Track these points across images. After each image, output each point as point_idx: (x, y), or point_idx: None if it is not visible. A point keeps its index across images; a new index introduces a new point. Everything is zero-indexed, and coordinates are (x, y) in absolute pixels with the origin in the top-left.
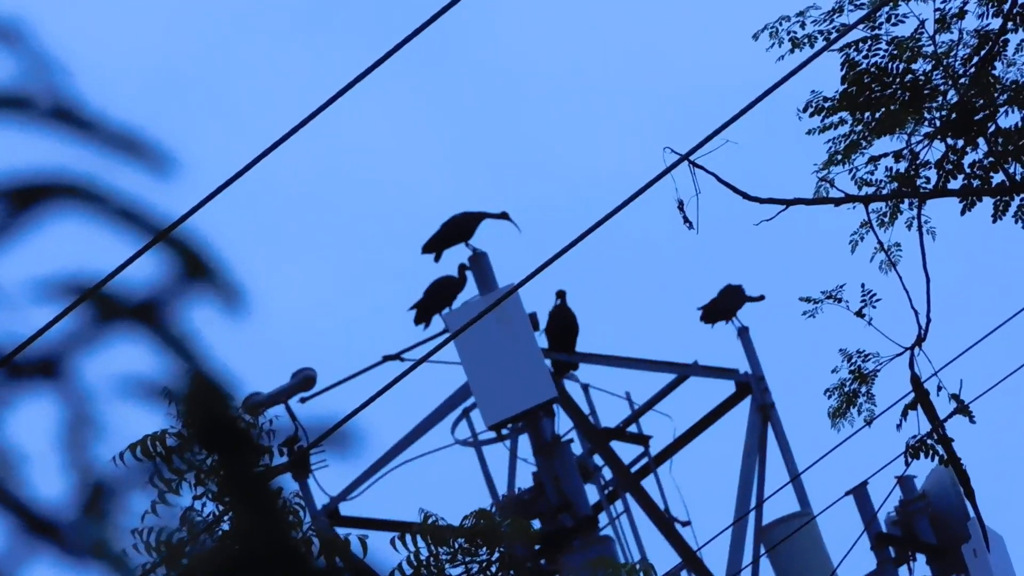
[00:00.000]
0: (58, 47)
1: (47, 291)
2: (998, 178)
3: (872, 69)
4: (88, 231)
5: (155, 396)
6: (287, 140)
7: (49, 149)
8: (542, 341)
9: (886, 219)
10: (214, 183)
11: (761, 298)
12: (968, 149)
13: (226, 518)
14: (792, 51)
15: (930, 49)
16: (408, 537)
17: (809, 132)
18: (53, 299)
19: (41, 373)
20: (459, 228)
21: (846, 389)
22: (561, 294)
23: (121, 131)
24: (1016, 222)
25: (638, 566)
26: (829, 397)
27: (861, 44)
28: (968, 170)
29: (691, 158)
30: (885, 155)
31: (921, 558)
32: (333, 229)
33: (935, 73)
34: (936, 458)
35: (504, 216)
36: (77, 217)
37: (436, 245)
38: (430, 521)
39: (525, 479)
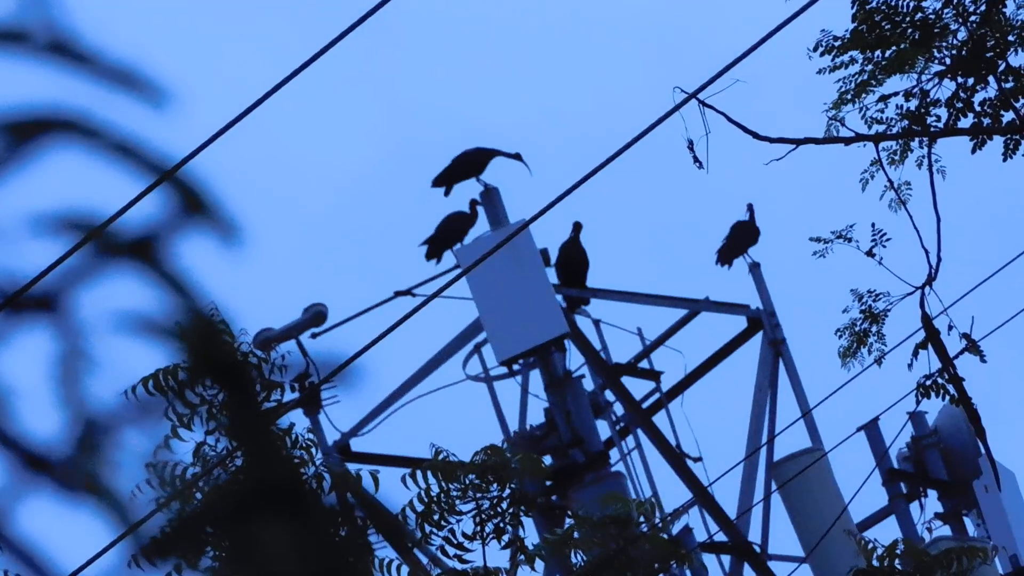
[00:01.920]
0: None
1: (45, 226)
2: (1008, 116)
3: (882, 7)
4: (85, 165)
5: (152, 332)
6: (296, 76)
7: (46, 83)
8: (553, 277)
9: (896, 158)
10: (214, 116)
11: (517, 156)
12: (978, 87)
13: (238, 453)
14: None
15: None
16: (419, 473)
17: (820, 71)
18: (51, 234)
19: (38, 308)
20: (470, 163)
21: (857, 329)
22: (577, 226)
23: (117, 65)
24: None
25: (644, 501)
26: (840, 337)
27: None
28: (978, 108)
29: (700, 97)
30: (895, 94)
31: (932, 494)
32: (342, 161)
33: (945, 11)
34: (947, 397)
35: (517, 157)
36: (74, 151)
37: (446, 179)
38: (441, 457)
39: (537, 415)
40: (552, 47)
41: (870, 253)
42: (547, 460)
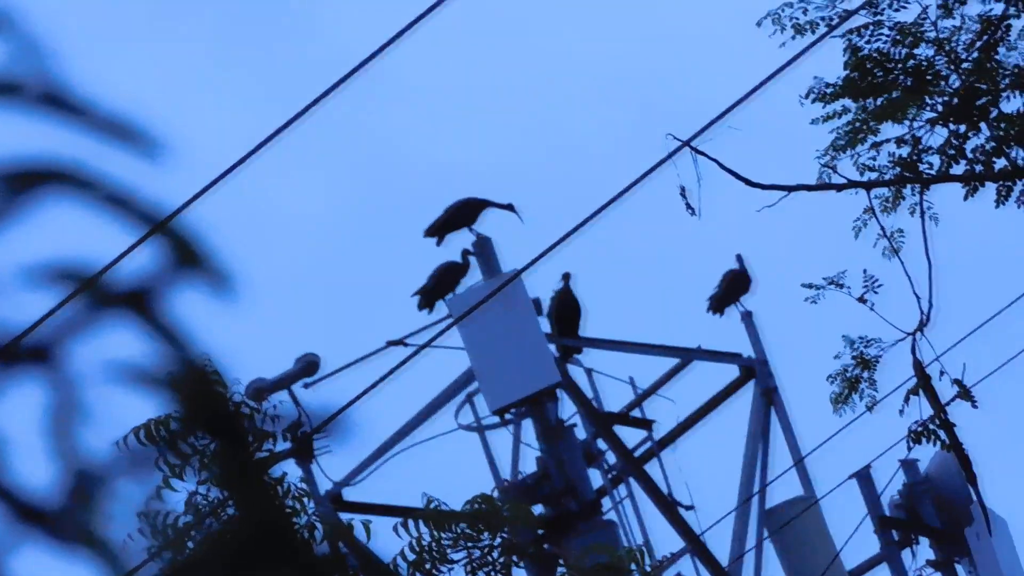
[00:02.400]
0: (48, 33)
1: (39, 277)
2: (1000, 163)
3: (875, 55)
4: (79, 216)
5: (145, 382)
6: (291, 125)
7: (39, 135)
8: (545, 326)
9: (889, 204)
10: (207, 167)
11: (510, 207)
12: (971, 134)
13: (230, 503)
14: (795, 37)
15: (933, 34)
16: (411, 522)
17: (813, 121)
18: (45, 285)
19: (32, 359)
20: (463, 213)
21: (848, 375)
22: (566, 276)
23: (111, 117)
24: (1019, 207)
25: (636, 550)
26: (832, 383)
27: (864, 30)
28: (971, 155)
29: (693, 144)
30: (888, 141)
31: (924, 541)
32: (333, 212)
33: (938, 58)
34: (938, 443)
35: (509, 207)
36: (68, 203)
37: (439, 229)
38: (432, 506)
39: (529, 464)
40: (535, 99)
41: (862, 299)
42: (540, 509)
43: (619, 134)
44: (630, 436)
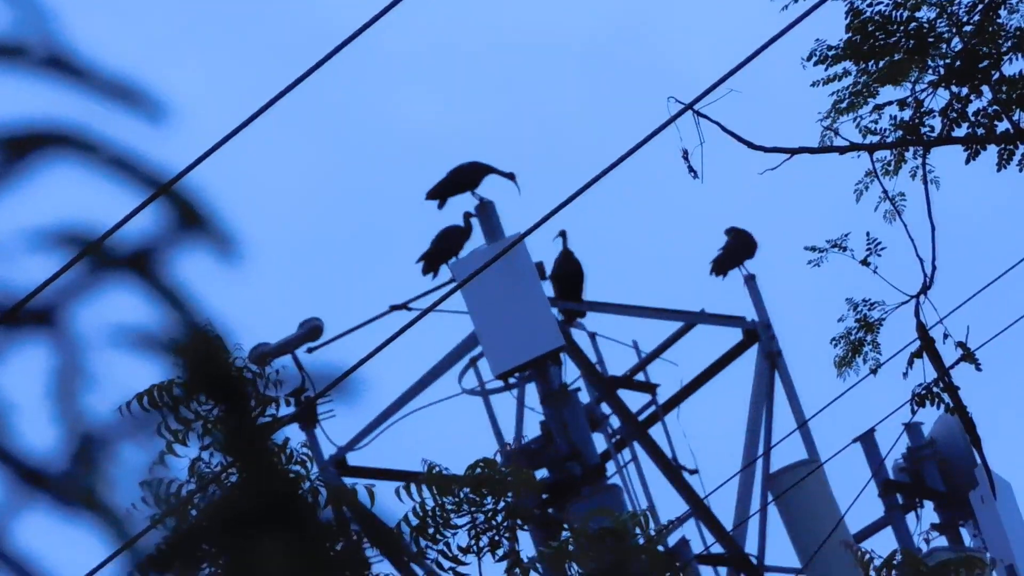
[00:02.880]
0: None
1: (42, 240)
2: (1003, 126)
3: (876, 17)
4: (82, 179)
5: (148, 346)
6: (291, 90)
7: (43, 98)
8: (549, 290)
9: (890, 168)
10: (210, 130)
11: (511, 176)
12: (972, 97)
13: (233, 469)
14: (796, 1)
15: None
16: (414, 487)
17: (813, 84)
18: (48, 248)
19: (36, 322)
20: (465, 177)
21: (852, 338)
22: (563, 234)
23: (114, 80)
24: (1020, 170)
25: (640, 514)
26: (835, 346)
27: None
28: (972, 118)
29: (695, 107)
30: (889, 103)
31: (929, 505)
32: (336, 175)
33: (939, 21)
34: (942, 406)
35: (511, 176)
36: (71, 166)
37: (441, 192)
38: (435, 471)
39: (533, 428)
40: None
41: (865, 262)
42: (544, 473)
43: (618, 98)
44: (634, 400)
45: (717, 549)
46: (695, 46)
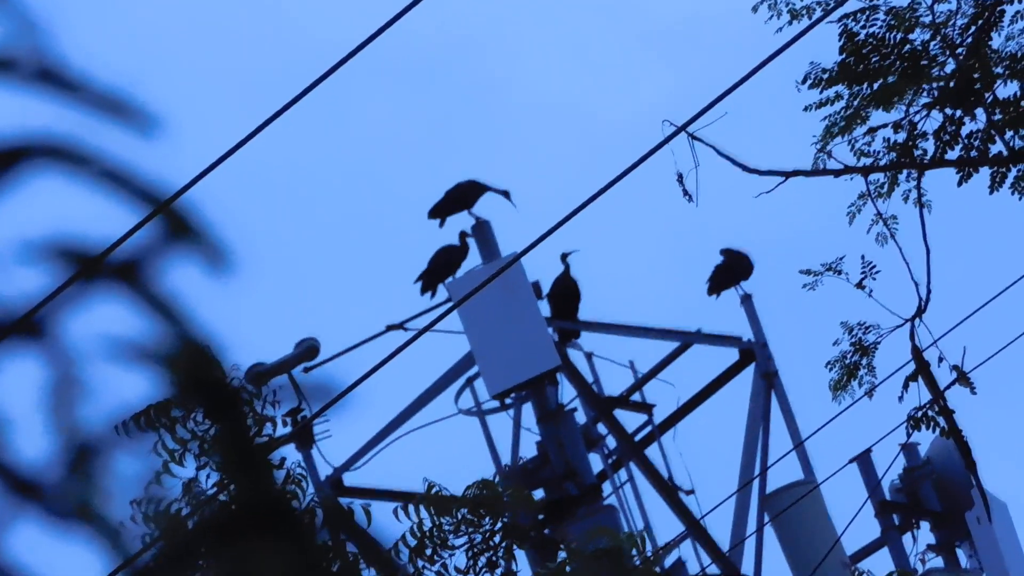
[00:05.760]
0: (43, 9)
1: (32, 252)
2: (996, 148)
3: (870, 39)
4: (74, 192)
5: (142, 358)
6: (289, 108)
7: (34, 110)
8: (545, 309)
9: (884, 191)
10: (203, 143)
11: (506, 193)
12: (966, 119)
13: (229, 487)
14: (790, 22)
15: (928, 19)
16: (412, 507)
17: (806, 108)
18: (38, 260)
19: (26, 333)
20: (463, 195)
21: (847, 361)
22: (564, 257)
23: (106, 93)
24: (1013, 192)
25: (637, 534)
26: (831, 370)
27: (859, 14)
28: (966, 140)
29: (689, 130)
30: (883, 126)
31: (925, 525)
32: (333, 194)
33: (933, 43)
34: (937, 429)
35: (505, 194)
36: (63, 178)
37: (441, 211)
38: (433, 491)
39: (529, 448)
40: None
41: (860, 285)
42: (540, 493)
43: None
44: (630, 420)
45: (713, 570)
46: (703, 69)
